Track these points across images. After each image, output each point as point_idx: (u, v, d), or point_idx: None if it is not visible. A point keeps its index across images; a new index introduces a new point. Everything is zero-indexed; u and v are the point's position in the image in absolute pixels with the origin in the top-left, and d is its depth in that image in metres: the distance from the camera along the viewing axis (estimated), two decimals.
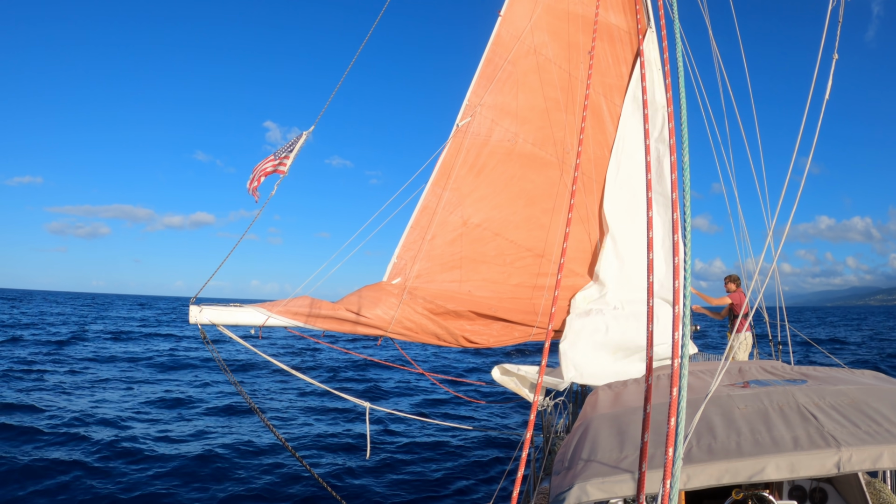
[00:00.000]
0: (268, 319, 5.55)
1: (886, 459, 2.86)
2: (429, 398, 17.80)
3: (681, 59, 2.99)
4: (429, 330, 6.16)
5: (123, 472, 10.29)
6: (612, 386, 4.95)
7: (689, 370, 3.87)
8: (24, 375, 19.29)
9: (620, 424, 3.66)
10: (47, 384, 18.05)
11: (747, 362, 5.34)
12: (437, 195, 6.79)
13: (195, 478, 10.26)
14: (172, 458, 11.19)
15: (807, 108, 3.95)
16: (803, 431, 3.12)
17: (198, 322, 5.40)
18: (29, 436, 12.07)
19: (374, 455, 11.59)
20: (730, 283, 9.89)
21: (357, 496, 9.67)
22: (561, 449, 3.74)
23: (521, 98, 7.46)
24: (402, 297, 6.08)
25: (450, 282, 6.63)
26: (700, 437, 3.16)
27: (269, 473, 10.55)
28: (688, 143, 2.66)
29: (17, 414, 13.76)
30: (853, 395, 3.59)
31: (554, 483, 3.25)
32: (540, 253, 7.21)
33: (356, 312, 5.82)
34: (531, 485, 6.28)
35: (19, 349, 26.52)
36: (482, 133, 7.17)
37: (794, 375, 4.55)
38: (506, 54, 7.44)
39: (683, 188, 2.61)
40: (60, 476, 9.83)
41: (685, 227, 2.75)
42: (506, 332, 6.55)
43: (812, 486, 5.25)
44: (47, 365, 22.05)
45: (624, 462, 3.12)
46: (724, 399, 3.70)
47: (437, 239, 6.68)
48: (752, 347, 9.52)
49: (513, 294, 6.92)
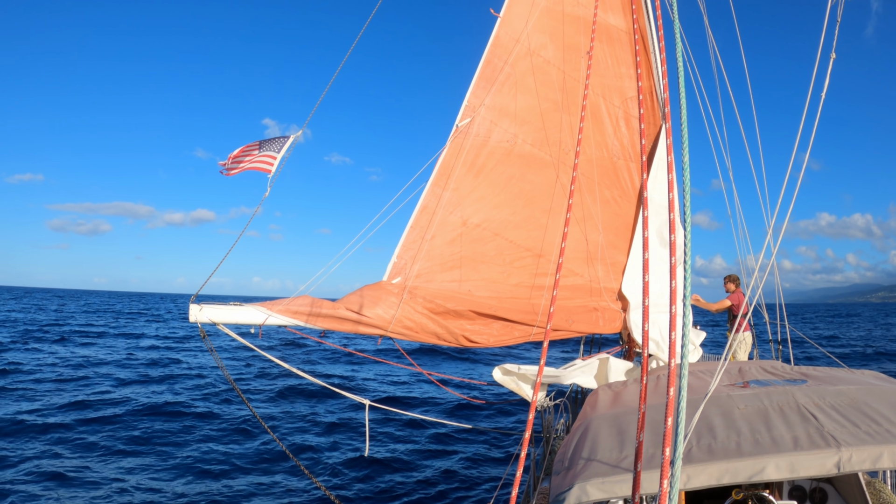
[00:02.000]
0: (268, 318, 5.55)
1: (886, 459, 2.87)
2: (429, 398, 17.80)
3: (680, 60, 2.99)
4: (429, 329, 6.16)
5: (119, 471, 10.29)
6: (612, 386, 4.95)
7: (689, 370, 3.87)
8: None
9: (620, 424, 3.66)
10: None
11: (747, 362, 5.35)
12: (436, 195, 6.79)
13: (189, 476, 10.25)
14: (167, 455, 11.19)
15: (806, 107, 3.96)
16: (803, 431, 3.12)
17: (198, 321, 5.40)
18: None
19: (372, 453, 11.60)
20: (729, 283, 9.88)
21: (355, 494, 9.67)
22: (561, 449, 3.74)
23: (519, 99, 7.47)
24: (403, 296, 6.08)
25: (449, 281, 6.63)
26: (700, 437, 3.16)
27: (267, 472, 10.54)
28: (687, 144, 2.66)
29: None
30: (853, 395, 3.59)
31: (554, 483, 3.26)
32: (539, 253, 7.22)
33: (357, 312, 5.82)
34: (531, 485, 6.29)
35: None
36: (481, 134, 7.18)
37: (794, 375, 4.55)
38: (505, 56, 7.45)
39: (683, 188, 2.61)
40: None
41: (685, 227, 2.75)
42: (506, 331, 6.56)
43: (812, 486, 5.25)
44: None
45: (624, 462, 3.12)
46: (724, 399, 3.70)
47: (436, 239, 6.68)
48: (751, 347, 9.52)
49: (512, 294, 6.93)
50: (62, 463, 10.71)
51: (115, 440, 12.28)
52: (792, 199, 3.55)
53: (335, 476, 10.51)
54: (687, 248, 2.65)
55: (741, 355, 9.17)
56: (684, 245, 2.67)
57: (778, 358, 9.09)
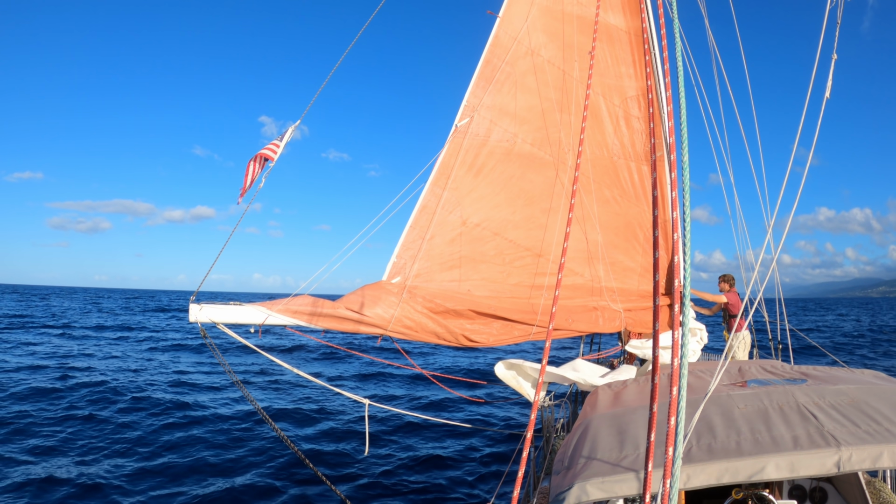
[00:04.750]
0: (268, 318, 5.54)
1: (886, 459, 2.87)
2: (429, 397, 17.80)
3: (680, 58, 2.99)
4: (429, 329, 6.16)
5: (115, 467, 10.29)
6: (612, 386, 4.95)
7: (689, 370, 3.88)
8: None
9: (620, 424, 3.66)
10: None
11: (747, 362, 5.35)
12: (436, 195, 6.79)
13: (192, 473, 10.26)
14: (165, 453, 11.20)
15: (805, 106, 3.97)
16: (803, 431, 3.12)
17: (198, 320, 5.39)
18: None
19: (372, 452, 11.60)
20: (723, 283, 9.74)
21: (355, 493, 9.68)
22: (561, 448, 3.74)
23: (519, 99, 7.46)
24: (402, 296, 6.09)
25: (449, 281, 6.63)
26: (700, 437, 3.16)
27: (268, 468, 10.55)
28: (687, 144, 2.66)
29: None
30: (853, 395, 3.59)
31: (554, 483, 3.26)
32: (538, 252, 7.22)
33: (356, 311, 5.82)
34: (531, 485, 6.29)
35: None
36: (481, 133, 7.18)
37: (794, 375, 4.55)
38: (504, 55, 7.45)
39: (683, 188, 2.61)
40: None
41: (685, 227, 2.75)
42: (506, 330, 6.56)
43: (812, 486, 5.25)
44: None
45: (624, 461, 3.12)
46: (724, 398, 3.71)
47: (436, 238, 6.68)
48: (750, 346, 9.51)
49: (512, 293, 6.93)
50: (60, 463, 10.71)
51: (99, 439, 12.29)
52: (795, 197, 3.55)
53: (335, 475, 10.51)
54: (687, 249, 2.64)
55: (741, 354, 9.17)
56: (683, 245, 2.67)
57: (778, 357, 9.09)
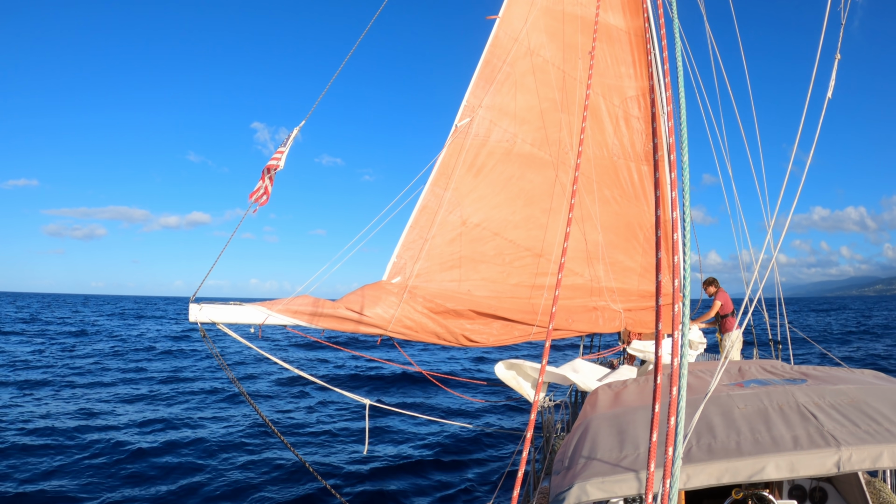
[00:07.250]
0: (268, 318, 5.53)
1: (886, 459, 2.87)
2: (429, 397, 17.80)
3: (680, 58, 2.99)
4: (429, 329, 6.16)
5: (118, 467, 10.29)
6: (612, 386, 4.95)
7: (689, 370, 3.87)
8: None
9: (620, 424, 3.66)
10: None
11: (747, 361, 5.35)
12: (436, 195, 6.79)
13: (191, 474, 10.25)
14: (165, 453, 11.20)
15: (806, 106, 3.96)
16: (803, 431, 3.12)
17: (198, 321, 5.38)
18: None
19: (372, 452, 11.60)
20: (709, 287, 9.79)
21: (355, 493, 9.67)
22: (561, 448, 3.74)
23: (519, 99, 7.46)
24: (403, 296, 6.08)
25: (449, 281, 6.63)
26: (700, 437, 3.16)
27: (267, 470, 10.54)
28: (687, 144, 2.65)
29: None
30: (853, 395, 3.59)
31: (554, 483, 3.25)
32: (538, 252, 7.22)
33: (357, 311, 5.82)
34: (531, 485, 6.28)
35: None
36: (481, 133, 7.17)
37: (794, 375, 4.55)
38: (504, 55, 7.44)
39: (683, 188, 2.61)
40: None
41: (684, 227, 2.74)
42: (506, 330, 6.55)
43: (812, 486, 5.25)
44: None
45: (624, 461, 3.12)
46: (724, 398, 3.70)
47: (436, 238, 6.68)
48: (741, 344, 9.47)
49: (512, 293, 6.92)
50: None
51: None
52: (794, 199, 3.55)
53: (334, 475, 10.51)
54: (687, 249, 2.64)
55: (735, 354, 9.17)
56: (683, 245, 2.66)
57: (777, 357, 9.09)
